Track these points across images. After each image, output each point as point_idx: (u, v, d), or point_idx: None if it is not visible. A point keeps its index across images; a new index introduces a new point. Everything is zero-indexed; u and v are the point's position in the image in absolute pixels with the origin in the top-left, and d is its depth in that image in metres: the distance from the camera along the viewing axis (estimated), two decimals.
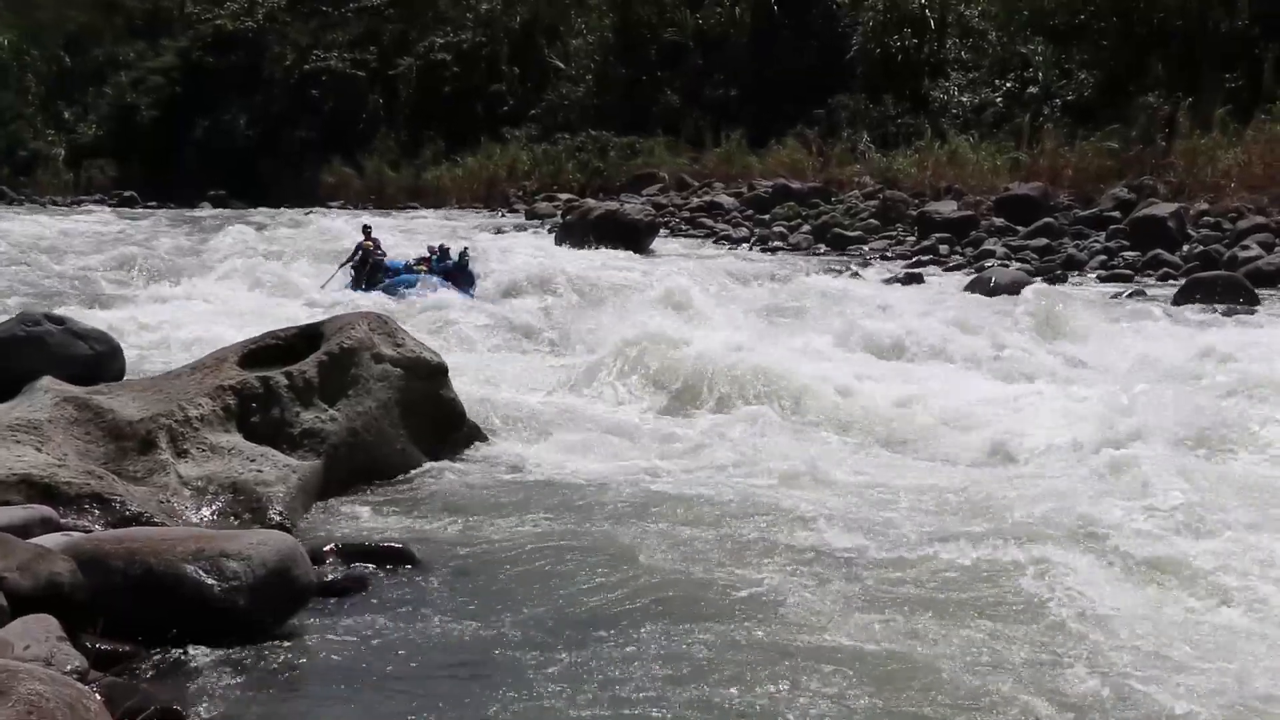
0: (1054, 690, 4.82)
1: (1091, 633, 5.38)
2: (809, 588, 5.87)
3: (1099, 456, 7.98)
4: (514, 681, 4.90)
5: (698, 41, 37.91)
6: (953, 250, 21.84)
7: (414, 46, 45.22)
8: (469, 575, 6.14)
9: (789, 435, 9.29)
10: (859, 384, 10.45)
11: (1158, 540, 6.42)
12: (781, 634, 5.33)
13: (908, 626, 5.43)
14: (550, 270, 17.70)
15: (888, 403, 10.03)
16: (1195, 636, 5.36)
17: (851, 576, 6.06)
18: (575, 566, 6.19)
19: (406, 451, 8.40)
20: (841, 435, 9.42)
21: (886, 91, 31.90)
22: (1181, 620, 5.57)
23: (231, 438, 7.63)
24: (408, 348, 8.70)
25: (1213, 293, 15.48)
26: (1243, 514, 6.78)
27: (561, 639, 5.30)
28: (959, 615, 5.58)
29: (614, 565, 6.19)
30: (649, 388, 10.60)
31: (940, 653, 5.16)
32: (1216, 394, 9.53)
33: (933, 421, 9.57)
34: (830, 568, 6.20)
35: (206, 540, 5.35)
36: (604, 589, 5.87)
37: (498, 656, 5.17)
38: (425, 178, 40.94)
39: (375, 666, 5.08)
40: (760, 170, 30.86)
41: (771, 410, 9.79)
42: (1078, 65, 28.75)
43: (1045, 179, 24.48)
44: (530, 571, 6.17)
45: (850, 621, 5.47)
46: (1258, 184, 21.09)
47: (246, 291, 16.60)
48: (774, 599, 5.73)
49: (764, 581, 5.96)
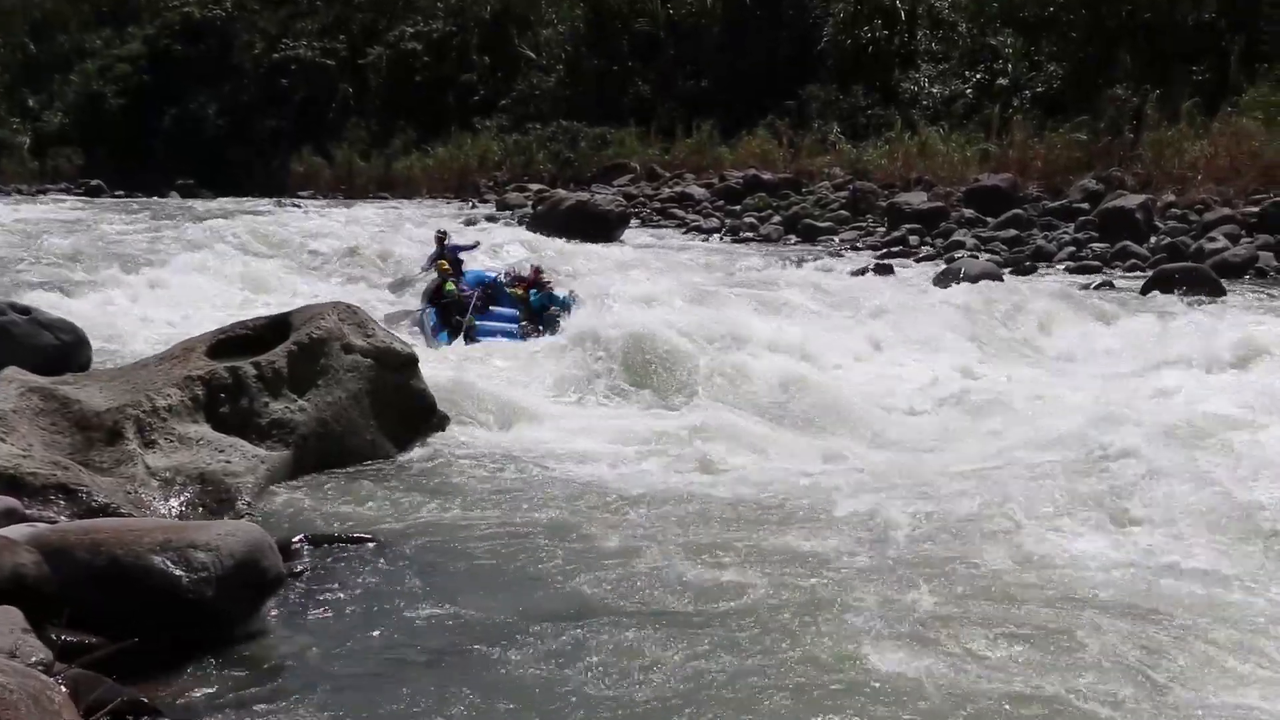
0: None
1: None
2: (779, 580, 5.89)
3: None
4: (484, 670, 4.91)
5: (669, 32, 37.89)
6: (923, 241, 21.92)
7: (384, 36, 45.02)
8: (438, 565, 6.13)
9: (770, 427, 9.29)
10: (841, 375, 10.48)
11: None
12: (752, 626, 5.34)
13: (890, 626, 5.44)
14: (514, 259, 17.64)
15: (874, 395, 10.10)
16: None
17: (827, 569, 6.08)
18: (545, 557, 6.20)
19: (376, 442, 8.38)
20: (830, 430, 9.40)
21: (857, 82, 32.00)
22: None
23: (200, 428, 7.59)
24: (378, 338, 8.67)
25: (1179, 285, 15.60)
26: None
27: (532, 628, 5.30)
28: (944, 605, 5.62)
29: (584, 555, 6.21)
30: (623, 379, 10.58)
31: (923, 650, 5.19)
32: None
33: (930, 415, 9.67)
34: (806, 562, 6.21)
35: (174, 531, 5.32)
36: (574, 578, 5.88)
37: (467, 645, 5.16)
38: (396, 168, 40.79)
39: (344, 656, 5.07)
40: (731, 161, 30.92)
41: (752, 402, 9.82)
42: (1047, 57, 28.92)
43: (1015, 170, 24.60)
44: (500, 561, 6.17)
45: (820, 616, 5.48)
46: (1224, 176, 21.26)
47: (215, 282, 16.44)
48: (746, 592, 5.74)
49: (735, 574, 5.98)
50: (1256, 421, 8.15)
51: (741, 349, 10.99)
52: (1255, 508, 6.63)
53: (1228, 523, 6.55)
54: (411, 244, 19.20)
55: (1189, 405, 8.72)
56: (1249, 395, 8.91)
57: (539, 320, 12.98)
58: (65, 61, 52.10)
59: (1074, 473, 7.47)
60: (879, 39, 32.69)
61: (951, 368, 11.22)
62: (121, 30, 51.43)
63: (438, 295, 13.62)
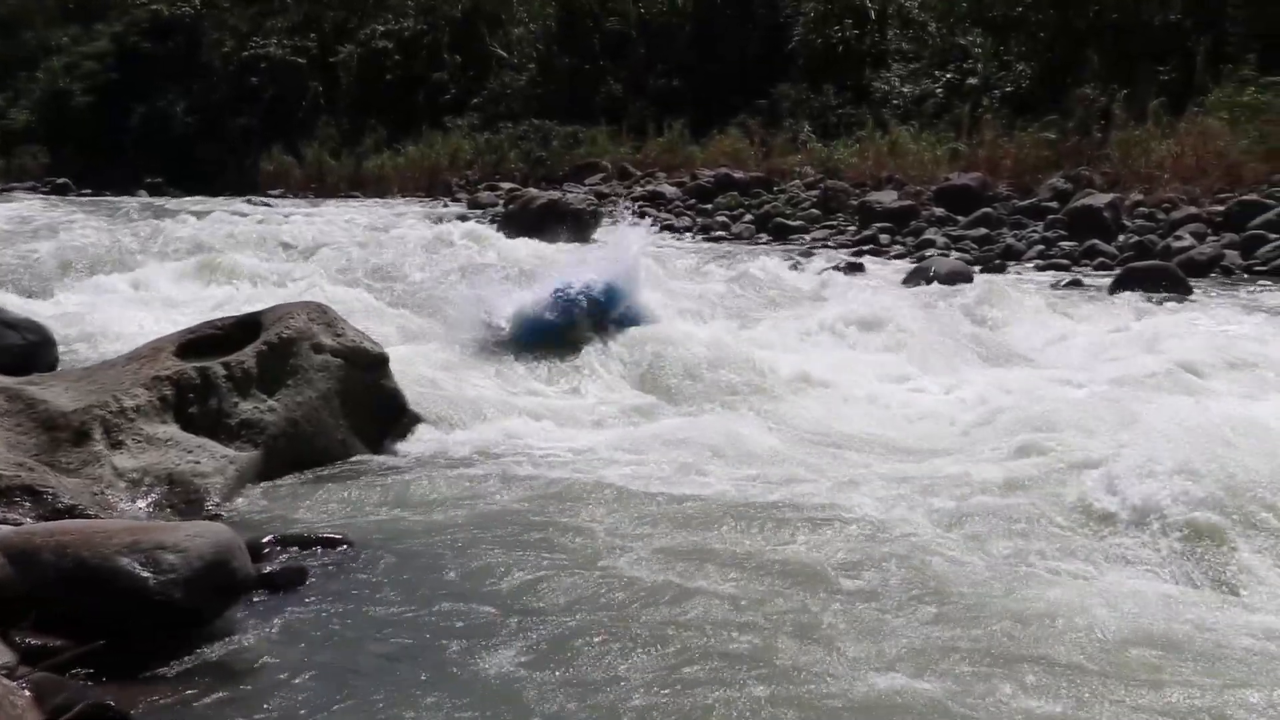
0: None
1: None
2: (755, 587, 5.88)
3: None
4: (456, 673, 4.89)
5: (640, 31, 37.91)
6: (893, 240, 22.01)
7: (355, 34, 44.83)
8: (410, 565, 6.10)
9: (750, 427, 9.28)
10: (829, 375, 10.49)
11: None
12: (729, 634, 5.31)
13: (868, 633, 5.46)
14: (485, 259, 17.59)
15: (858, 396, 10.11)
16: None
17: (804, 576, 6.07)
18: (519, 557, 6.17)
19: (347, 442, 8.34)
20: (810, 429, 9.38)
21: (828, 82, 32.09)
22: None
23: (168, 429, 7.53)
24: (348, 337, 8.63)
25: (1147, 283, 15.73)
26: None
27: (504, 629, 5.28)
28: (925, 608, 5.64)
29: (559, 557, 6.18)
30: (600, 377, 10.58)
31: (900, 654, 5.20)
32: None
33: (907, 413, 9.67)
34: (778, 564, 6.22)
35: (141, 532, 5.27)
36: (548, 580, 5.85)
37: (439, 647, 5.14)
38: (366, 166, 40.61)
39: (315, 658, 5.03)
40: (702, 160, 30.96)
41: (732, 401, 9.82)
42: (1016, 57, 29.10)
43: (984, 169, 24.73)
44: (473, 562, 6.14)
45: (792, 621, 5.49)
46: (1190, 175, 21.44)
47: (184, 282, 16.31)
48: (724, 595, 5.71)
49: (714, 578, 5.94)
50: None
51: (748, 359, 10.79)
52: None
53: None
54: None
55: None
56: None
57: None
58: (31, 59, 51.62)
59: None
60: (849, 38, 32.80)
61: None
62: (89, 27, 50.97)
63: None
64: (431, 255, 18.09)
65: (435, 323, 13.21)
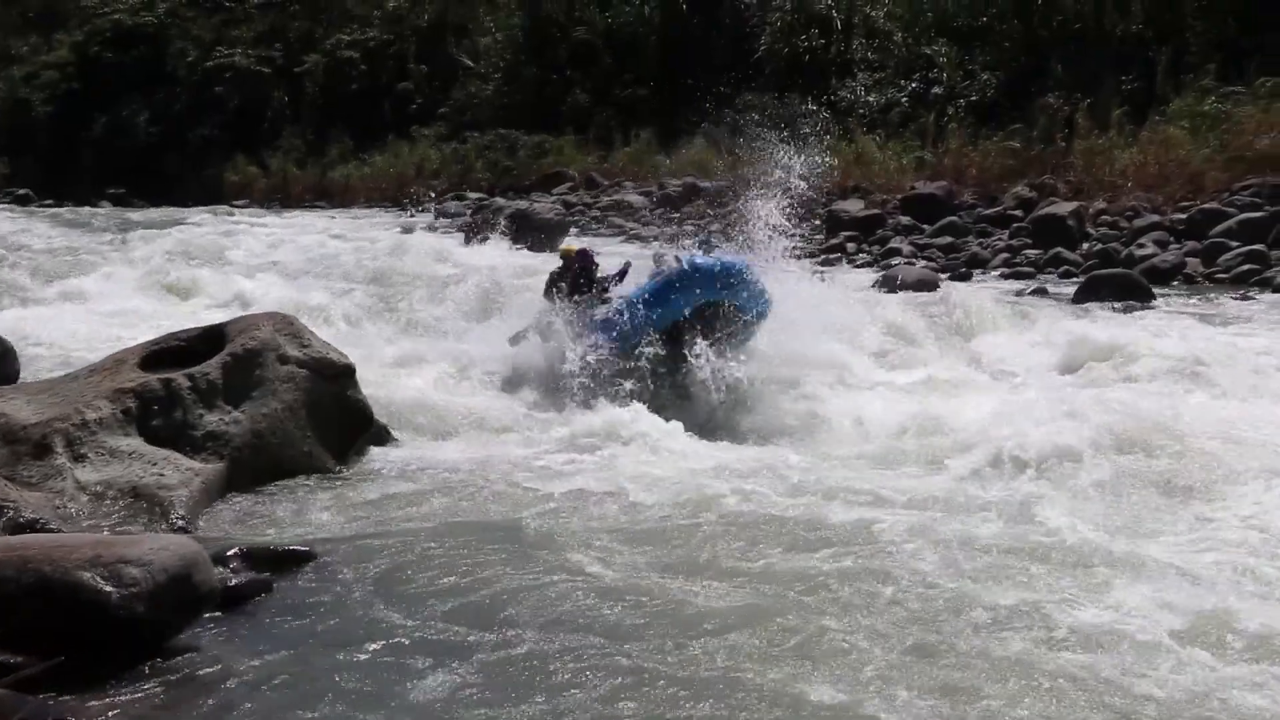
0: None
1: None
2: (716, 593, 5.88)
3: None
4: (421, 685, 4.86)
5: (607, 40, 37.95)
6: (860, 248, 22.10)
7: (320, 44, 44.65)
8: (376, 577, 6.06)
9: (705, 432, 9.30)
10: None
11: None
12: (692, 636, 5.33)
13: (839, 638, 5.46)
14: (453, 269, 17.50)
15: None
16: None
17: (763, 576, 6.09)
18: (484, 568, 6.14)
19: (313, 453, 8.28)
20: (778, 434, 9.43)
21: (794, 91, 32.20)
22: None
23: (131, 441, 7.47)
24: (314, 348, 8.58)
25: (1110, 290, 15.87)
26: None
27: (470, 643, 5.25)
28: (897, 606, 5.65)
29: (524, 567, 6.16)
30: (552, 387, 10.54)
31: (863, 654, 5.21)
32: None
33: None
34: (735, 565, 6.23)
35: (104, 546, 5.21)
36: (513, 591, 5.83)
37: (405, 660, 5.11)
38: (332, 176, 40.44)
39: (278, 672, 4.99)
40: (669, 169, 30.99)
41: (697, 406, 9.82)
42: (980, 66, 29.29)
43: (950, 178, 24.87)
44: (438, 573, 6.10)
45: (758, 625, 5.49)
46: (1152, 184, 21.64)
47: (147, 293, 16.17)
48: (683, 599, 5.73)
49: (675, 581, 5.97)
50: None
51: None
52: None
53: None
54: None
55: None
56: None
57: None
58: None
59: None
60: (815, 48, 32.94)
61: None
62: (49, 36, 50.48)
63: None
64: (399, 264, 18.01)
65: (405, 333, 13.20)
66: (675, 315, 9.99)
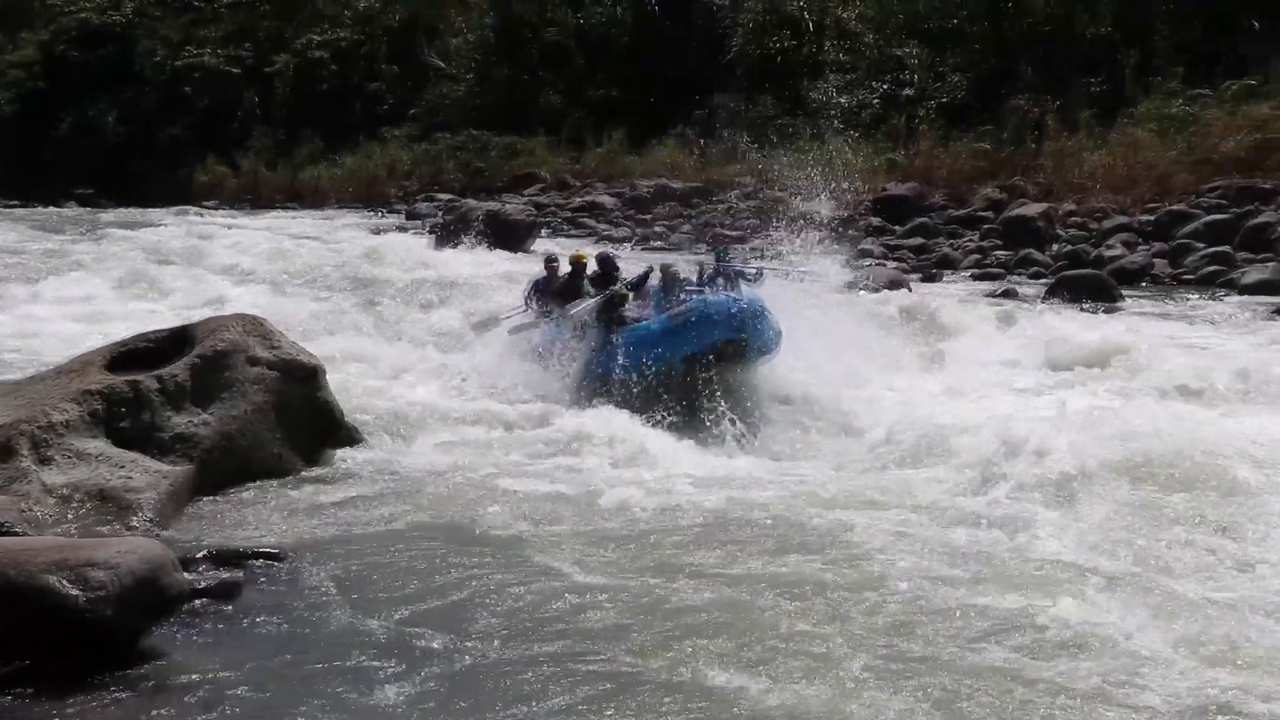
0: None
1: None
2: (689, 589, 5.88)
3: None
4: (388, 688, 4.83)
5: (579, 41, 37.91)
6: (830, 250, 22.13)
7: (290, 44, 44.40)
8: (344, 580, 6.03)
9: (683, 437, 9.27)
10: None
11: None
12: (664, 641, 5.31)
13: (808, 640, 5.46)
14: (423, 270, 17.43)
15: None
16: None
17: (739, 581, 6.08)
18: (453, 571, 6.12)
19: (282, 455, 8.22)
20: (759, 440, 9.38)
21: (765, 92, 32.25)
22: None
23: (98, 443, 7.39)
24: (283, 350, 8.51)
25: (1079, 291, 16.00)
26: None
27: (436, 645, 5.23)
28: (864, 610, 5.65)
29: (494, 571, 6.14)
30: (519, 389, 10.51)
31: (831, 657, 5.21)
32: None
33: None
34: (710, 570, 6.23)
35: (70, 550, 5.16)
36: (482, 595, 5.81)
37: (372, 662, 5.08)
38: (303, 177, 40.21)
39: (246, 674, 4.96)
40: (640, 170, 30.99)
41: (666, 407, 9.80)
42: (951, 68, 29.43)
43: (920, 179, 25.00)
44: (406, 576, 6.08)
45: (732, 630, 5.48)
46: (1120, 185, 21.83)
47: (116, 293, 16.03)
48: (655, 604, 5.71)
49: (647, 586, 5.94)
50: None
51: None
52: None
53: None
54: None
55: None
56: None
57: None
58: None
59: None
60: (787, 49, 32.99)
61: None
62: (14, 35, 49.97)
63: (572, 296, 10.94)
64: (370, 267, 17.93)
65: (373, 335, 13.13)
66: (694, 350, 9.75)
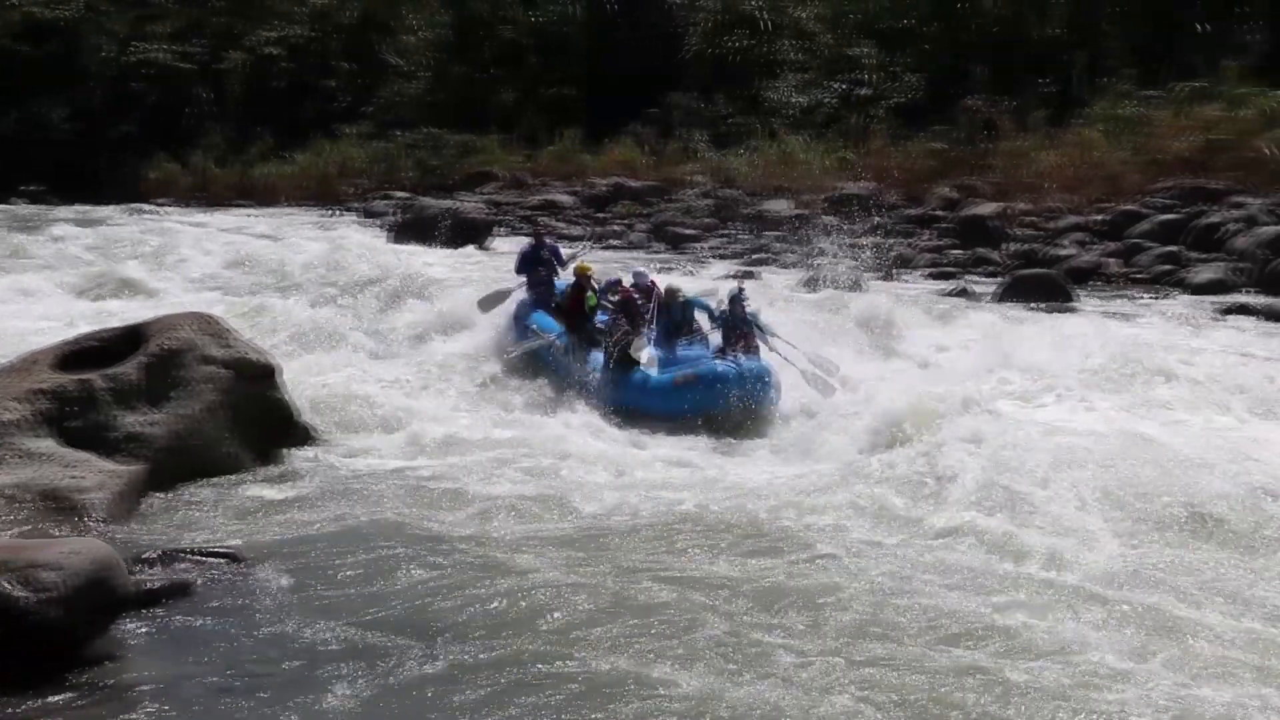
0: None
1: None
2: (652, 593, 5.85)
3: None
4: (340, 690, 4.78)
5: (533, 39, 37.83)
6: (786, 248, 22.21)
7: (242, 40, 43.98)
8: (296, 578, 5.96)
9: (653, 442, 9.26)
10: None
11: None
12: (626, 643, 5.28)
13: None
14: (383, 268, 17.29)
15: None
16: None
17: (705, 584, 6.07)
18: (408, 572, 6.05)
19: (236, 454, 8.13)
20: (729, 444, 9.36)
21: (720, 91, 32.31)
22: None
23: (46, 443, 7.29)
24: (236, 349, 8.43)
25: (1032, 290, 16.15)
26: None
27: (389, 642, 5.19)
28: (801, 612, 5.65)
29: (448, 569, 6.09)
30: (482, 388, 10.48)
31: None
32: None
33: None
34: (675, 574, 6.22)
35: (15, 551, 5.07)
36: (438, 596, 5.75)
37: (323, 661, 5.03)
38: (254, 174, 39.83)
39: (197, 674, 4.89)
40: (595, 168, 30.96)
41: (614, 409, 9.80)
42: (904, 68, 29.61)
43: (875, 179, 25.12)
44: (360, 576, 6.02)
45: (696, 633, 5.46)
46: (1072, 185, 22.06)
47: (66, 292, 15.79)
48: (617, 607, 5.67)
49: (610, 588, 5.90)
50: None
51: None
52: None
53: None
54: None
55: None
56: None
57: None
58: None
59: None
60: (742, 48, 33.07)
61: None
62: None
63: (576, 311, 10.39)
64: (328, 265, 17.76)
65: (332, 334, 13.00)
66: (692, 413, 9.66)
